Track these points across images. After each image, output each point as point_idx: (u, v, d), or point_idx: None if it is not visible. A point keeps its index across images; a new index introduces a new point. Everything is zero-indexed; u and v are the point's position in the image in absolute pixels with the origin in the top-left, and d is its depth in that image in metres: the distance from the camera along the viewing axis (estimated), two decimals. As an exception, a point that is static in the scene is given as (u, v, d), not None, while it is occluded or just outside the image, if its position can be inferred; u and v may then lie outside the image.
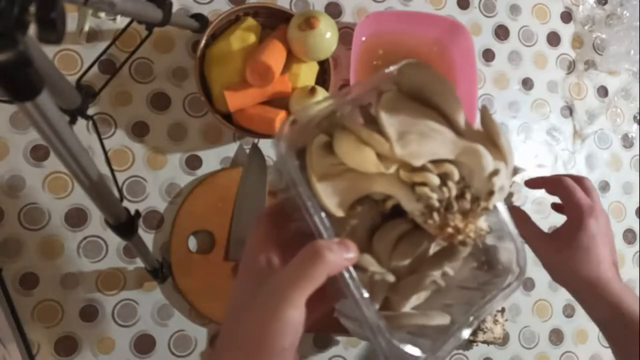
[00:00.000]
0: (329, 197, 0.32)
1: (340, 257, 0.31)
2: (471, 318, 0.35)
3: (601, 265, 0.51)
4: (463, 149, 0.32)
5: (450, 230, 0.32)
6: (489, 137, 0.34)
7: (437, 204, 0.31)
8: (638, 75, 0.97)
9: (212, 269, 0.74)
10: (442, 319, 0.35)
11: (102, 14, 0.75)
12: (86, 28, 0.75)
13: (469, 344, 0.81)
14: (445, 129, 0.33)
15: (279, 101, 0.74)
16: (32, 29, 0.31)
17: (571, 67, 0.96)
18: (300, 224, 0.33)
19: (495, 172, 0.33)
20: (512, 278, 0.37)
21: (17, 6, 0.28)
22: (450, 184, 0.32)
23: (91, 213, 0.74)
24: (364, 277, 0.34)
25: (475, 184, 0.33)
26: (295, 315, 0.30)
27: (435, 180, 0.31)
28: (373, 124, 0.34)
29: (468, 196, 0.32)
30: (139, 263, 0.74)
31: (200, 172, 0.78)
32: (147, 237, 0.75)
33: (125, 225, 0.54)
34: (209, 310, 0.74)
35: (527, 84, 0.93)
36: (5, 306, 0.70)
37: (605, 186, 0.95)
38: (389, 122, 0.32)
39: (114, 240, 0.74)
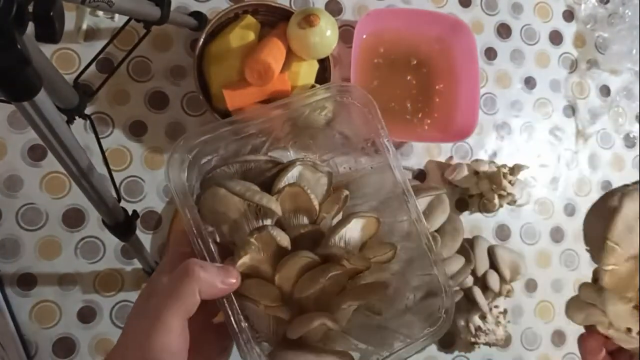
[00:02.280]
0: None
1: (214, 277, 0.29)
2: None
3: None
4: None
5: None
6: None
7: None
8: (639, 74, 0.96)
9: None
10: None
11: (100, 13, 0.75)
12: (84, 27, 0.74)
13: (470, 345, 0.80)
14: None
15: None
16: (30, 28, 0.31)
17: (573, 66, 0.95)
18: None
19: None
20: (434, 326, 0.36)
21: (15, 4, 0.28)
22: None
23: (89, 213, 0.73)
24: (257, 309, 0.32)
25: None
26: (171, 341, 0.27)
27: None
28: None
29: None
30: (137, 264, 0.73)
31: (199, 171, 0.77)
32: (145, 237, 0.75)
33: (122, 226, 0.54)
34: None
35: (529, 82, 0.92)
36: (3, 307, 0.69)
37: (607, 186, 0.94)
38: None
39: (112, 241, 0.73)
